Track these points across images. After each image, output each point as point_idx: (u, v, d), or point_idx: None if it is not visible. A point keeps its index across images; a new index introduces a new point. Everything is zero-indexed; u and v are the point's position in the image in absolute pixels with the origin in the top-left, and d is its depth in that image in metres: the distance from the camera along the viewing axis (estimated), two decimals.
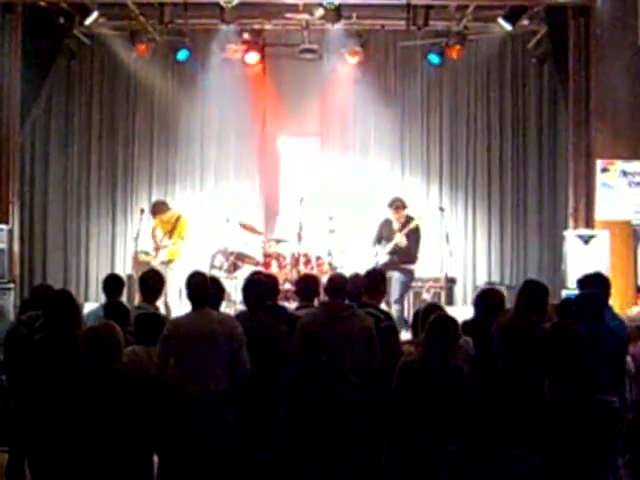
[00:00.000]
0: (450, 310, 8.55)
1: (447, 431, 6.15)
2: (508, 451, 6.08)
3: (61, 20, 12.89)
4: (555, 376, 6.31)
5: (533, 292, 7.31)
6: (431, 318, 6.54)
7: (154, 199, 14.13)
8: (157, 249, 12.87)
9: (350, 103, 14.86)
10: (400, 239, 12.71)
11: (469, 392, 6.25)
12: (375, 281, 8.05)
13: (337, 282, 7.48)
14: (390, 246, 12.74)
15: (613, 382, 6.99)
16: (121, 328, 7.31)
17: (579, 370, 6.35)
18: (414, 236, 12.80)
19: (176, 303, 12.20)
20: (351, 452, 7.09)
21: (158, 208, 13.13)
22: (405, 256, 12.75)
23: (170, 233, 12.93)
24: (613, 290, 7.89)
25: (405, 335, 8.87)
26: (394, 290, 12.46)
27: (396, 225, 12.85)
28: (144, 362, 6.93)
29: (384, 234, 12.94)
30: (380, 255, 12.82)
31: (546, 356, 6.33)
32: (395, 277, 12.58)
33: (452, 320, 6.51)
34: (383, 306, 8.54)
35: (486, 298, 7.53)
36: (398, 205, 12.89)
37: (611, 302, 7.71)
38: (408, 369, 6.39)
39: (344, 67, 14.52)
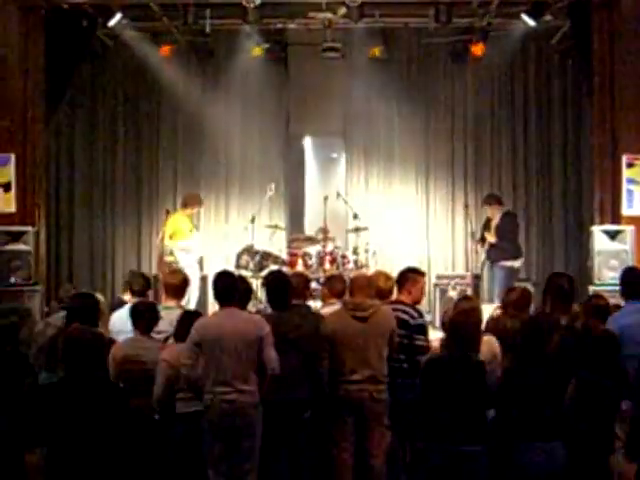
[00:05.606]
0: None
1: (469, 429, 6.13)
2: (530, 445, 6.05)
3: (84, 22, 12.91)
4: (583, 374, 6.27)
5: (560, 286, 7.34)
6: (452, 314, 6.55)
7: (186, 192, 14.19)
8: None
9: (374, 101, 14.86)
10: (490, 236, 12.87)
11: (491, 388, 6.24)
12: (408, 279, 7.96)
13: (361, 281, 7.53)
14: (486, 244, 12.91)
15: None
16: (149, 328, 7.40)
17: (608, 369, 6.30)
18: (503, 231, 12.89)
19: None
20: (376, 450, 7.15)
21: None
22: (503, 252, 12.83)
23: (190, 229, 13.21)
24: None
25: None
26: (497, 287, 12.47)
27: (495, 222, 12.94)
28: None
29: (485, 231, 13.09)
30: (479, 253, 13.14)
31: (572, 354, 6.31)
32: (494, 275, 12.76)
33: (473, 313, 6.52)
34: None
35: (513, 296, 7.54)
36: (488, 202, 13.14)
37: None
38: (432, 365, 6.40)
39: (367, 65, 14.49)
